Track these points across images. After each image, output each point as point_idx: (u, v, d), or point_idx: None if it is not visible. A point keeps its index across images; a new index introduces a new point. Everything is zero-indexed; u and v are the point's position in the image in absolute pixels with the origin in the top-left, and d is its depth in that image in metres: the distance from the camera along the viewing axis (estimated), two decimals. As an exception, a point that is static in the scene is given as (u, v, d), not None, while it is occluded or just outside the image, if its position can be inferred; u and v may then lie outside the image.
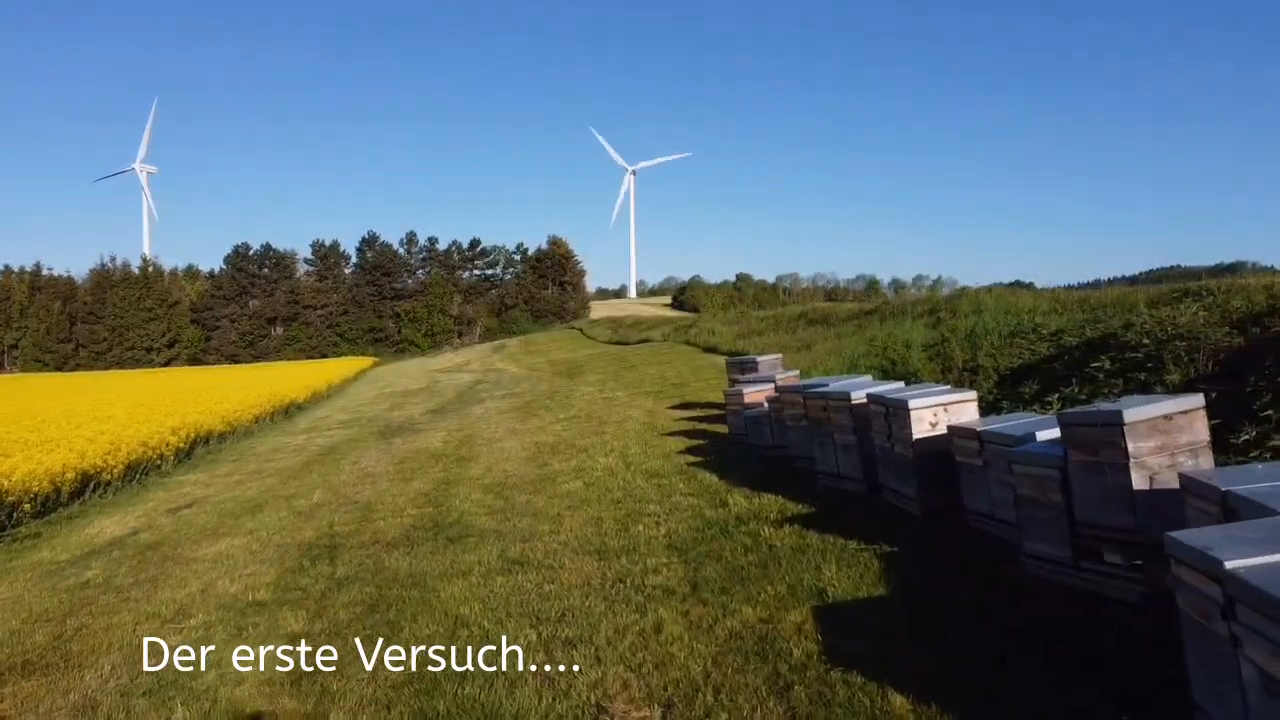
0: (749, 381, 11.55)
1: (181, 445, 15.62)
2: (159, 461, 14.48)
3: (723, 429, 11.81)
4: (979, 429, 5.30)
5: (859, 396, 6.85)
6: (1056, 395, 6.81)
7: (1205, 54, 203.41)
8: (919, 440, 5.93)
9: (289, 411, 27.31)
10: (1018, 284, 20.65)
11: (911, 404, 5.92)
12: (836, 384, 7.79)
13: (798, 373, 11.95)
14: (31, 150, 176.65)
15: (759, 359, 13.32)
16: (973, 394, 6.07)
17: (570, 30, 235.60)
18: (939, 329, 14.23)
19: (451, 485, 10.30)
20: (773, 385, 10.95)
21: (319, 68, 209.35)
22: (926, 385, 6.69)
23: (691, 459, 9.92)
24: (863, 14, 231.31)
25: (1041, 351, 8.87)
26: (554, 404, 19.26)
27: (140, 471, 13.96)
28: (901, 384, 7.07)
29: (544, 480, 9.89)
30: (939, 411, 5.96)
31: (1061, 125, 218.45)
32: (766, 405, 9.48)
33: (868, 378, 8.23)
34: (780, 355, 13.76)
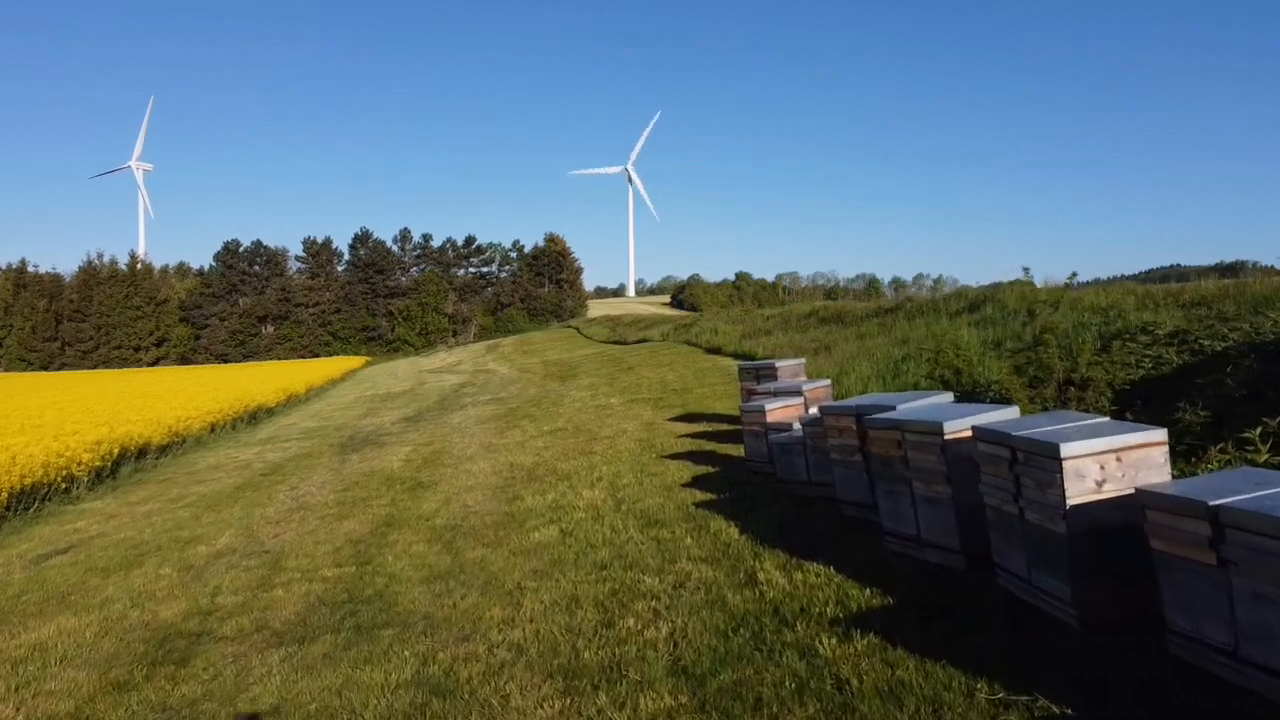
0: (770, 394, 9.30)
1: (100, 463, 13.36)
2: (65, 484, 12.23)
3: (737, 451, 9.57)
4: (1215, 504, 3.05)
5: (957, 428, 4.60)
6: (1257, 429, 4.57)
7: (1205, 54, 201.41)
8: (1078, 508, 3.69)
9: (256, 417, 25.08)
10: (1018, 283, 18.67)
11: (1065, 449, 3.67)
12: (909, 406, 5.54)
13: (829, 382, 9.70)
14: (20, 148, 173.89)
15: (778, 364, 11.09)
16: (1160, 433, 3.82)
17: (568, 27, 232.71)
18: (992, 329, 11.97)
19: (393, 528, 8.05)
20: (800, 399, 8.71)
21: (312, 64, 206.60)
22: (1073, 414, 4.44)
23: (700, 496, 7.67)
24: (862, 13, 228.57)
25: (1172, 360, 6.63)
26: (539, 412, 17.01)
27: (42, 496, 11.72)
28: (1012, 409, 4.83)
29: (510, 523, 7.64)
30: (1109, 462, 3.72)
31: (1060, 125, 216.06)
32: (800, 429, 7.22)
33: (945, 396, 5.98)
34: (802, 360, 11.50)
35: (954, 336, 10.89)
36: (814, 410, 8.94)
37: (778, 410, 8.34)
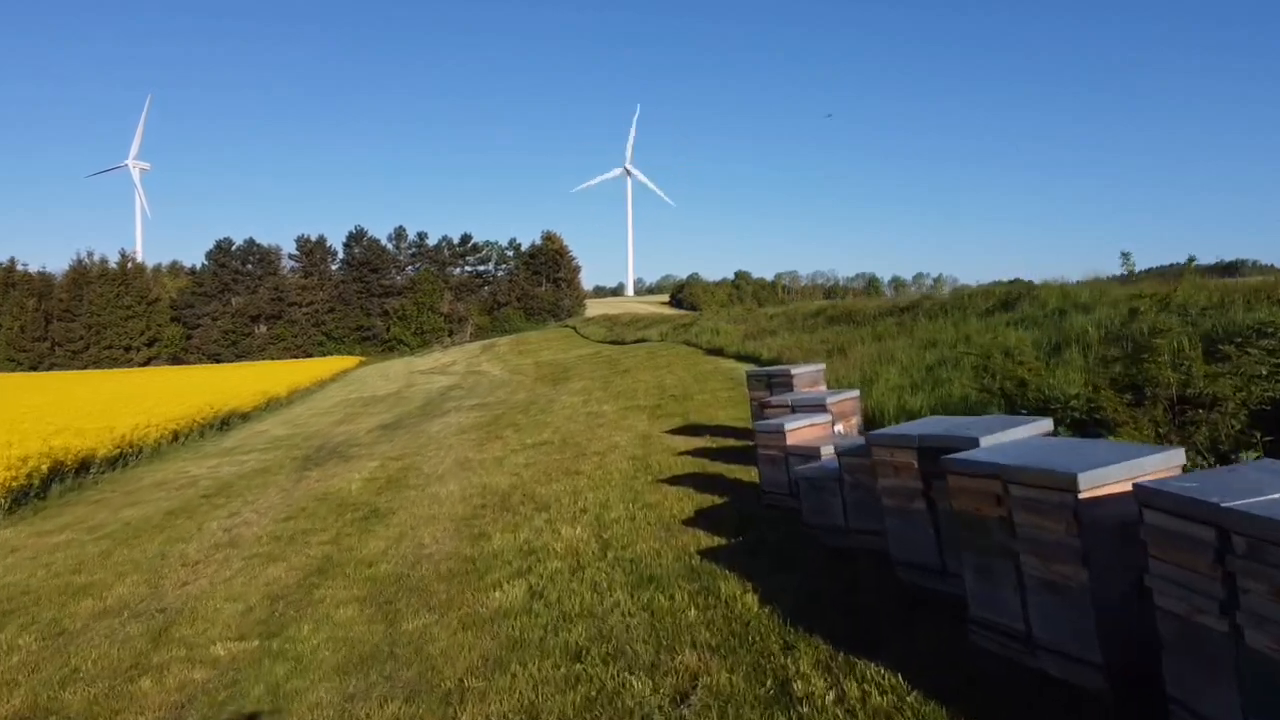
0: (788, 408, 7.75)
1: (25, 482, 11.81)
2: (-24, 509, 10.69)
3: (747, 474, 8.05)
4: None
5: (1102, 482, 3.06)
6: None
7: (1205, 54, 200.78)
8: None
9: (229, 423, 23.55)
10: (1018, 281, 17.63)
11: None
12: (1001, 440, 3.98)
13: (857, 394, 8.15)
14: (12, 147, 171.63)
15: (794, 370, 9.54)
16: None
17: (565, 24, 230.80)
18: (1036, 330, 10.41)
19: (325, 578, 6.50)
20: (826, 415, 7.17)
21: (307, 62, 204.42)
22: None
23: (706, 540, 6.12)
24: (862, 13, 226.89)
25: (1323, 371, 5.15)
26: (526, 421, 15.47)
27: (-54, 523, 10.17)
28: (1173, 453, 3.29)
29: (468, 574, 6.09)
30: None
31: (1059, 125, 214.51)
32: (835, 459, 5.64)
33: (1041, 423, 4.39)
34: (822, 366, 9.94)
35: (1002, 339, 9.34)
36: (841, 429, 7.42)
37: (800, 430, 6.79)
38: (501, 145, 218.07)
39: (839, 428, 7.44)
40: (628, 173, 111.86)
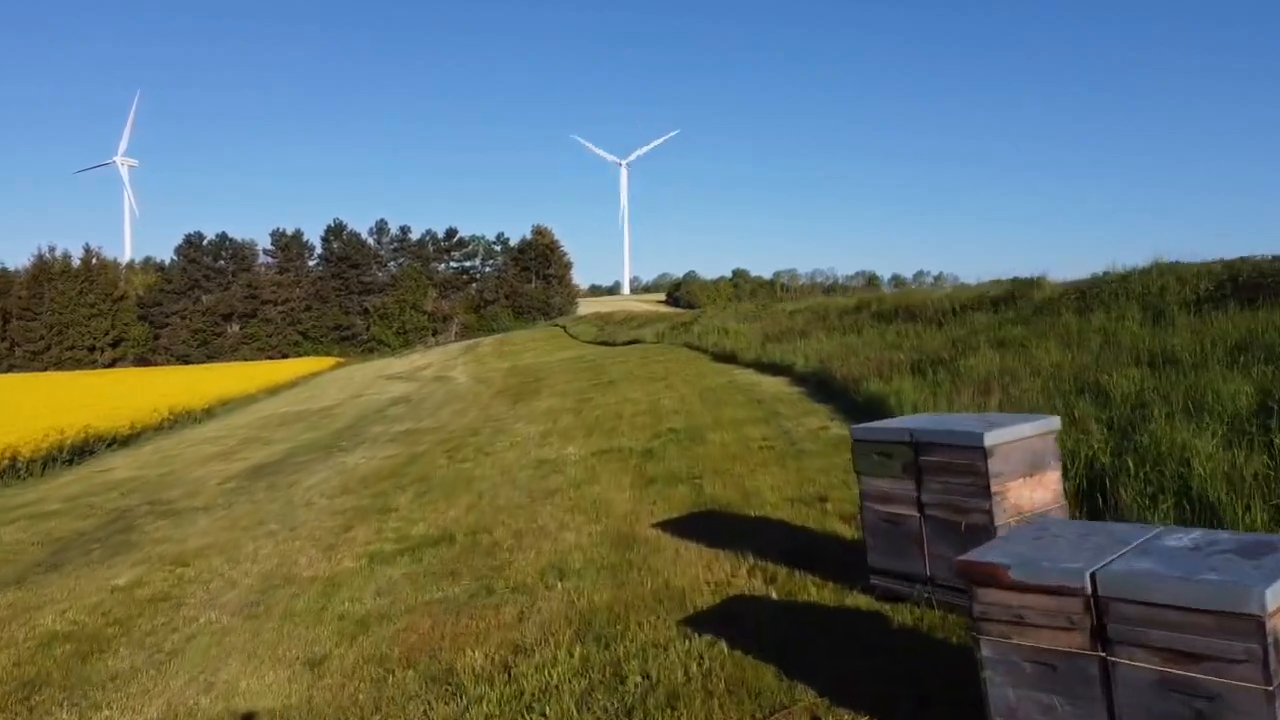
0: (1066, 615, 2.04)
1: None
2: None
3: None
4: None
5: None
6: None
7: (1205, 54, 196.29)
8: None
9: (92, 450, 17.85)
10: (1017, 280, 14.68)
11: None
12: None
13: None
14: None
15: (988, 437, 3.76)
16: None
17: (562, 21, 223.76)
18: None
19: None
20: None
21: (287, 54, 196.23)
22: None
23: None
24: (861, 13, 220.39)
25: None
26: (446, 471, 9.79)
27: None
28: None
29: None
30: None
31: (1058, 125, 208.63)
32: None
33: None
34: (1052, 421, 4.10)
35: None
36: None
37: None
38: (490, 136, 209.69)
39: None
40: (627, 168, 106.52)
